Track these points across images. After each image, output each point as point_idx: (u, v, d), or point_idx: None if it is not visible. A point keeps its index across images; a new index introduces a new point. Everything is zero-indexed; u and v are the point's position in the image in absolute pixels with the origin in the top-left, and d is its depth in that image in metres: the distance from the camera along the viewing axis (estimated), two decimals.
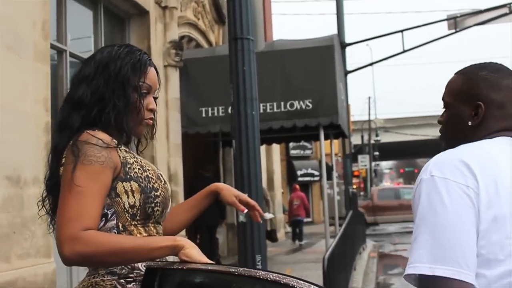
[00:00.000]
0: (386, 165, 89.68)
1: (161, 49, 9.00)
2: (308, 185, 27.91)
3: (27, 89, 5.29)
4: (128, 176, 1.82)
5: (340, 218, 13.63)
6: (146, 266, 1.66)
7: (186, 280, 1.68)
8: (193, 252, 1.62)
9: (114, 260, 1.70)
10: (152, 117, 1.97)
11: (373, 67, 39.44)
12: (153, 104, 1.95)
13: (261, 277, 1.47)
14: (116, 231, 1.79)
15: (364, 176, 42.62)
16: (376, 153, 44.48)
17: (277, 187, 18.04)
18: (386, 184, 74.87)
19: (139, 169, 1.86)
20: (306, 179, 27.33)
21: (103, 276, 1.78)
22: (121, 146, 1.86)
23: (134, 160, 1.88)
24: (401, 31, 15.59)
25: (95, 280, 1.78)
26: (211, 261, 1.64)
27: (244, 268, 1.53)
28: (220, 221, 11.68)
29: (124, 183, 1.81)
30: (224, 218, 12.02)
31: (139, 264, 1.79)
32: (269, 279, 1.45)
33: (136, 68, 1.90)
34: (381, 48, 25.56)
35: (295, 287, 1.41)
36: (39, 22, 5.54)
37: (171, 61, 9.13)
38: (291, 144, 25.36)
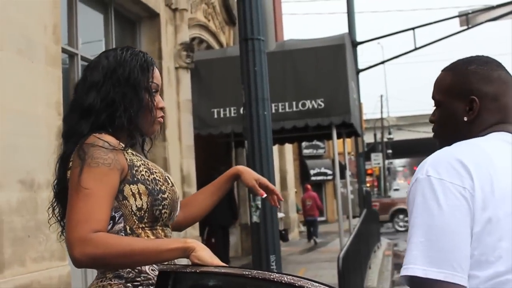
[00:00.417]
0: (399, 163, 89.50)
1: (172, 51, 9.00)
2: (321, 184, 27.90)
3: (39, 93, 5.31)
4: (135, 179, 1.82)
5: (354, 216, 13.58)
6: (159, 270, 1.65)
7: (200, 283, 1.66)
8: (205, 254, 1.61)
9: (124, 262, 1.69)
10: (163, 115, 1.98)
11: (384, 65, 39.25)
12: (162, 102, 1.97)
13: (275, 280, 1.46)
14: (123, 234, 1.79)
15: (377, 174, 42.51)
16: (389, 151, 44.34)
17: (291, 186, 18.06)
18: (400, 182, 74.64)
19: (146, 171, 1.85)
20: (319, 178, 27.30)
21: (111, 280, 1.78)
22: (128, 149, 1.86)
23: (141, 163, 1.87)
24: (413, 28, 15.50)
25: (103, 284, 1.78)
26: (224, 264, 1.62)
27: (258, 270, 1.52)
28: (233, 222, 11.68)
29: (132, 185, 1.81)
30: (236, 219, 12.01)
31: (147, 267, 1.79)
32: (283, 282, 1.43)
33: (144, 69, 1.92)
34: (393, 46, 25.48)
35: None
36: (50, 26, 5.55)
37: (182, 63, 9.12)
38: (304, 144, 25.33)
